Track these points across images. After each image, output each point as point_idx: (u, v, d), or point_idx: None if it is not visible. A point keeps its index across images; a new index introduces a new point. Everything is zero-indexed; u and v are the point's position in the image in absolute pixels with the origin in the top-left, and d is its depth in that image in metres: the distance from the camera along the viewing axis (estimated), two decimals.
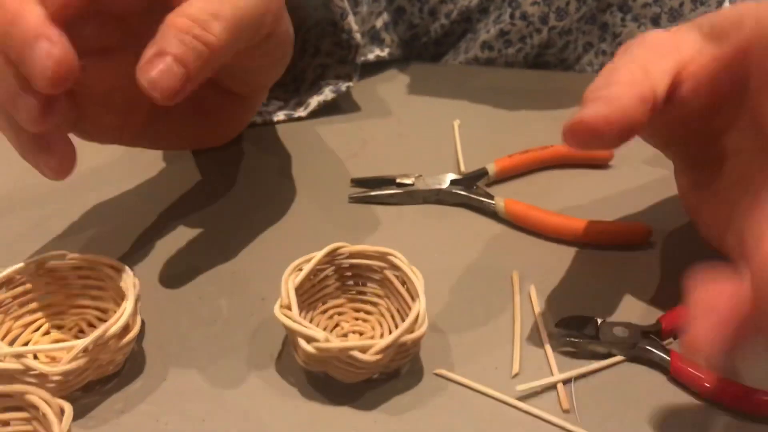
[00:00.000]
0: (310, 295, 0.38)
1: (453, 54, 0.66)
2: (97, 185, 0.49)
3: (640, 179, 0.48)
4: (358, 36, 0.56)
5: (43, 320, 0.38)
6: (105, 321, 0.37)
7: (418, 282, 0.35)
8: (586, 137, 0.32)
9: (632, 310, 0.39)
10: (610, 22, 0.61)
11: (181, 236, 0.44)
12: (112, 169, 0.52)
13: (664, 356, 0.35)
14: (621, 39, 0.61)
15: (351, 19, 0.58)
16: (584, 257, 0.42)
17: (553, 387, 0.35)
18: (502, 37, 0.62)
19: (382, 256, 0.37)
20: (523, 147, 0.50)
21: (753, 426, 0.33)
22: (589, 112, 0.32)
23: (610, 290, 0.40)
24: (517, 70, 0.63)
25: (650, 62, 0.34)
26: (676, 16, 0.59)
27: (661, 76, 0.34)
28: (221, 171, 0.50)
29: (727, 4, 0.56)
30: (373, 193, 0.47)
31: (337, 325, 0.38)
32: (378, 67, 0.63)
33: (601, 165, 0.50)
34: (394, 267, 0.37)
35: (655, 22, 0.60)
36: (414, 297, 0.35)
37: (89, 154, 0.53)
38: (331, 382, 0.35)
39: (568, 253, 0.42)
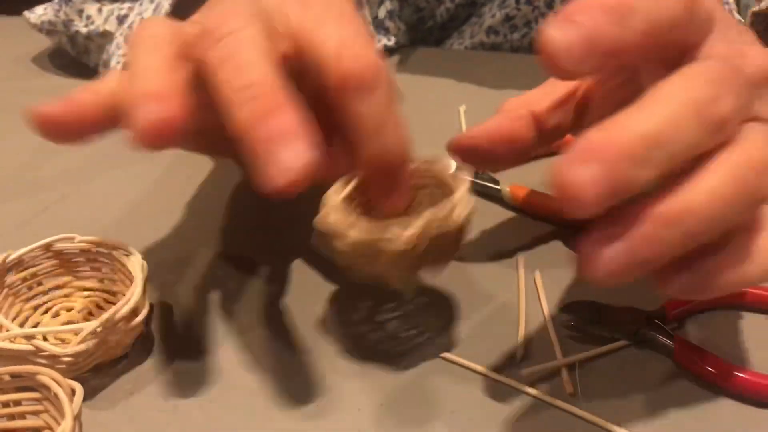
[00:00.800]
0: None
1: (458, 38, 0.66)
2: (106, 169, 0.50)
3: None
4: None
5: (52, 302, 0.38)
6: (113, 303, 0.37)
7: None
8: (466, 154, 0.34)
9: (638, 295, 0.39)
10: None
11: (190, 219, 0.45)
12: (120, 152, 0.52)
13: (668, 341, 0.35)
14: None
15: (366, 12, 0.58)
16: None
17: (557, 371, 0.35)
18: (508, 22, 0.62)
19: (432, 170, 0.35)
20: None
21: (756, 411, 0.33)
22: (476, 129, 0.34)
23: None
24: (523, 56, 0.63)
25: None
26: None
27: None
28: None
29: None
30: None
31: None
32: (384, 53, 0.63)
33: None
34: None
35: None
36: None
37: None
38: (337, 363, 0.35)
39: (573, 237, 0.43)
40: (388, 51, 0.63)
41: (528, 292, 0.39)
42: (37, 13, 0.60)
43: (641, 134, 0.23)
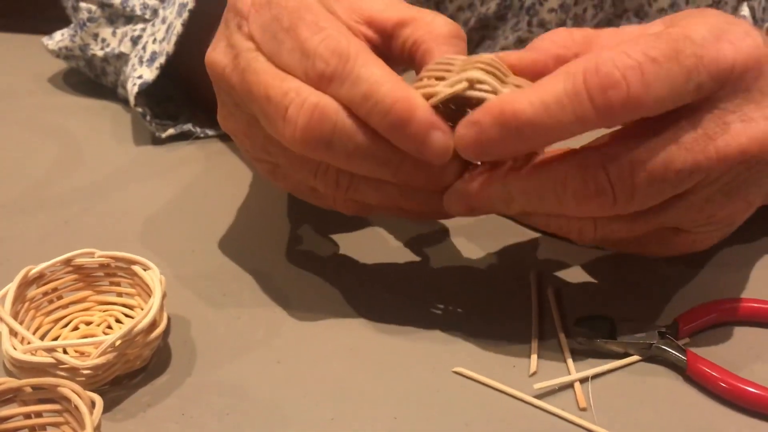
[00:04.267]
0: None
1: None
2: (125, 184, 0.51)
3: None
4: None
5: (71, 316, 0.39)
6: (131, 317, 0.38)
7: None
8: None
9: (650, 310, 0.39)
10: None
11: (207, 235, 0.45)
12: (137, 169, 0.53)
13: (680, 356, 0.35)
14: None
15: None
16: (601, 257, 0.43)
17: (570, 386, 0.35)
18: (521, 44, 0.62)
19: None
20: None
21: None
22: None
23: (627, 290, 0.40)
24: None
25: None
26: None
27: None
28: (247, 172, 0.51)
29: (744, 7, 0.56)
30: None
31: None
32: None
33: None
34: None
35: None
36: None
37: (114, 155, 0.55)
38: (353, 377, 0.36)
39: (586, 253, 0.43)
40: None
41: (541, 306, 0.39)
42: (55, 40, 0.61)
43: (521, 112, 0.30)
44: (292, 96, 0.33)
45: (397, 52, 0.38)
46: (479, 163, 0.35)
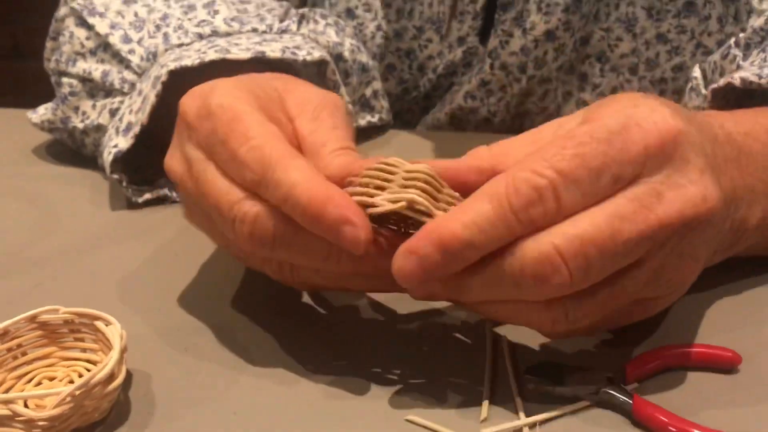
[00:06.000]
0: None
1: (440, 106, 0.69)
2: (97, 247, 0.52)
3: None
4: (349, 106, 0.60)
5: (35, 372, 0.40)
6: None
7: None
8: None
9: (598, 357, 0.40)
10: (589, 72, 0.64)
11: (173, 292, 0.46)
12: (112, 232, 0.55)
13: (627, 400, 0.36)
14: (602, 89, 0.64)
15: (343, 91, 0.61)
16: None
17: (519, 431, 0.36)
18: (484, 87, 0.65)
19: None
20: None
21: None
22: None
23: (577, 339, 0.41)
24: (497, 135, 0.66)
25: None
26: (653, 66, 0.62)
27: None
28: None
29: (696, 69, 0.59)
30: None
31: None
32: (369, 132, 0.66)
33: None
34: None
35: (633, 72, 0.62)
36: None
37: (90, 219, 0.56)
38: (307, 426, 0.36)
39: None
40: (373, 128, 0.67)
41: (495, 354, 0.40)
42: (39, 113, 0.64)
43: (459, 236, 0.33)
44: (236, 209, 0.37)
45: None
46: None
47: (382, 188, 0.36)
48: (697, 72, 0.59)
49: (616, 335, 0.41)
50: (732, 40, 0.56)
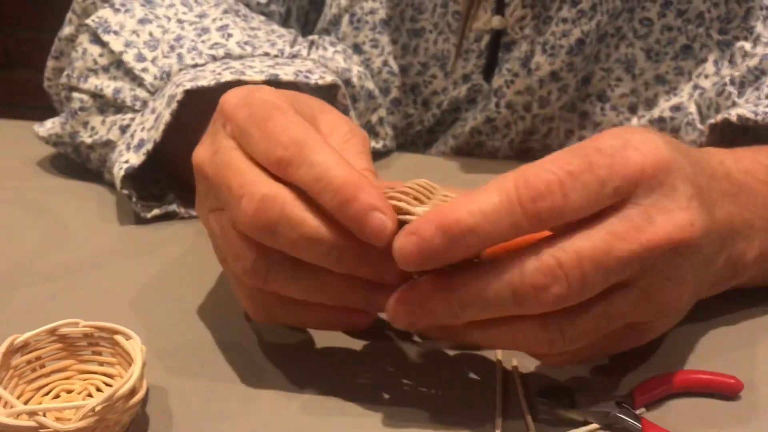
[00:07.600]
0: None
1: (443, 140, 0.70)
2: (108, 262, 0.53)
3: None
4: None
5: (53, 384, 0.40)
6: (111, 386, 0.39)
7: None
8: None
9: (607, 382, 0.41)
10: (590, 111, 0.65)
11: (186, 308, 0.47)
12: (122, 247, 0.55)
13: (636, 423, 0.37)
14: (602, 127, 0.66)
15: (352, 114, 0.63)
16: None
17: None
18: (489, 124, 0.66)
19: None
20: None
21: None
22: None
23: (586, 364, 0.42)
24: (501, 162, 0.67)
25: None
26: (651, 106, 0.64)
27: None
28: None
29: (691, 104, 0.61)
30: None
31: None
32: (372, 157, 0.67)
33: None
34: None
35: (633, 111, 0.64)
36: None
37: (100, 234, 0.57)
38: None
39: None
40: (376, 154, 0.68)
41: (505, 381, 0.41)
42: (46, 127, 0.65)
43: (462, 221, 0.34)
44: (247, 188, 0.37)
45: None
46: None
47: (419, 201, 0.37)
48: (692, 107, 0.61)
49: (621, 363, 0.42)
50: (727, 78, 0.58)
